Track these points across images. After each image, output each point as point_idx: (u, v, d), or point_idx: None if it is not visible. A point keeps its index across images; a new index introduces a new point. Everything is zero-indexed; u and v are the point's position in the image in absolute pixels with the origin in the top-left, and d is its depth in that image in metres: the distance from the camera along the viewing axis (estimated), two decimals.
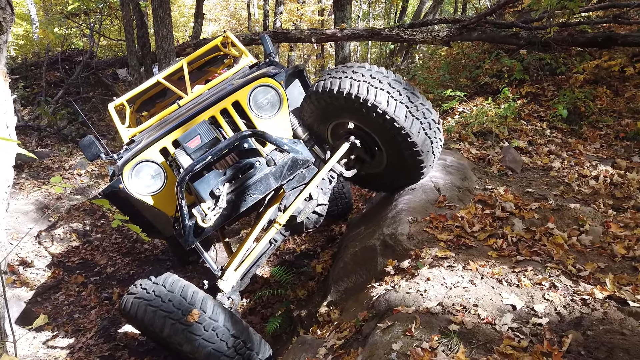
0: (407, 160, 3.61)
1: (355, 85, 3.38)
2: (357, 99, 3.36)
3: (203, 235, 3.30)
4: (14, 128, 2.64)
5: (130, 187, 3.38)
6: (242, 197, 3.27)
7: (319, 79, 3.70)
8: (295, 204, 3.46)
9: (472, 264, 2.88)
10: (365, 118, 3.47)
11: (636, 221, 3.38)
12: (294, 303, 4.15)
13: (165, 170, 3.45)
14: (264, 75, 3.61)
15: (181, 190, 3.08)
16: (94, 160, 3.90)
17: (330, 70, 3.66)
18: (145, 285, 3.24)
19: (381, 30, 8.48)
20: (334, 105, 3.54)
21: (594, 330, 2.21)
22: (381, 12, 20.38)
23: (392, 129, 3.40)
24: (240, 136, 3.19)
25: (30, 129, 9.86)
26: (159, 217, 3.84)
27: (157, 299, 3.08)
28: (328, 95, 3.50)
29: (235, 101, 3.54)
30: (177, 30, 21.28)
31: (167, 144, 3.42)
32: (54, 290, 5.51)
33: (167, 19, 8.00)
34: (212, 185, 3.22)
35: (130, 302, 3.18)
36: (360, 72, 3.47)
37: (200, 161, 3.09)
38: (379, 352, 2.32)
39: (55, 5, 15.07)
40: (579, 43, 6.40)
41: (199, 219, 3.16)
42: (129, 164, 3.39)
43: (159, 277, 3.27)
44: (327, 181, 3.73)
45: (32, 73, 11.92)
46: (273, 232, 3.45)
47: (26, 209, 7.07)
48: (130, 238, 6.88)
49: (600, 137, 5.07)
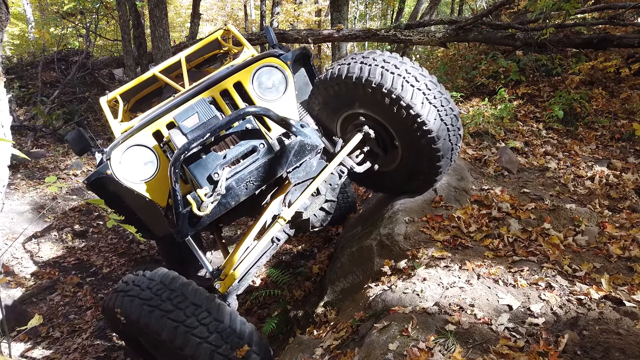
0: (424, 161, 3.35)
1: (385, 74, 3.05)
2: (380, 87, 3.04)
3: (198, 225, 2.96)
4: (10, 128, 2.63)
5: (119, 173, 3.05)
6: (243, 184, 2.93)
7: (332, 65, 3.43)
8: (302, 199, 3.14)
9: (468, 264, 2.88)
10: (385, 110, 3.16)
11: (632, 221, 3.39)
12: (291, 303, 4.14)
13: (158, 155, 3.13)
14: (269, 55, 3.32)
15: (175, 171, 2.74)
16: (83, 154, 3.57)
17: (349, 57, 3.34)
18: (138, 282, 2.84)
19: (378, 31, 8.48)
20: (350, 94, 3.26)
21: (590, 330, 2.22)
22: (378, 13, 20.42)
23: (416, 129, 3.12)
24: (243, 112, 2.85)
25: (25, 129, 9.81)
26: (149, 213, 3.53)
27: (155, 297, 2.72)
28: (344, 82, 3.20)
29: (237, 82, 3.26)
30: (174, 30, 21.24)
31: (160, 127, 3.13)
32: (50, 291, 5.49)
33: (163, 19, 7.98)
34: (210, 169, 2.88)
35: (120, 300, 2.78)
36: (391, 62, 3.15)
37: (198, 139, 2.75)
38: (375, 352, 2.32)
39: (51, 5, 15.00)
40: (574, 44, 6.43)
41: (195, 206, 2.83)
42: (118, 147, 3.06)
43: (154, 273, 2.89)
44: (336, 176, 3.40)
45: (27, 73, 11.88)
46: (276, 229, 3.10)
47: (21, 209, 7.03)
48: (126, 239, 6.86)
49: (595, 138, 5.09)
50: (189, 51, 4.76)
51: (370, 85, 3.08)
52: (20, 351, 4.37)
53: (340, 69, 3.24)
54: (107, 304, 2.91)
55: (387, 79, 3.06)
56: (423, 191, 3.75)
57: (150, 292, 2.75)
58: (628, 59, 6.15)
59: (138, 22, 10.03)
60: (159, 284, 2.79)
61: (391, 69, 3.08)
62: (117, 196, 3.40)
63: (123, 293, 2.82)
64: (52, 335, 4.70)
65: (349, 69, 3.18)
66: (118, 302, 2.79)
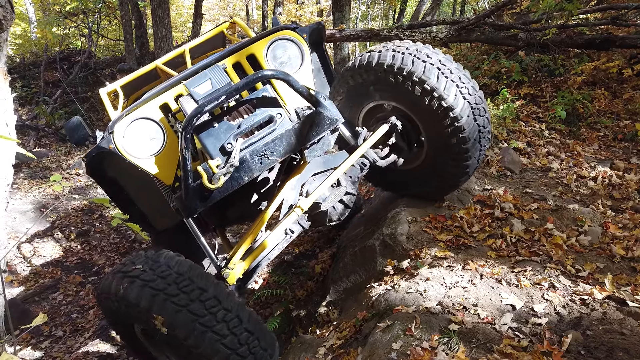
0: (451, 160, 3.15)
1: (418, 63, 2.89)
2: (411, 75, 2.87)
3: (209, 200, 2.69)
4: (14, 127, 2.64)
5: (122, 147, 2.80)
6: (257, 157, 2.69)
7: (360, 54, 3.25)
8: (321, 189, 2.92)
9: (471, 264, 2.88)
10: (414, 101, 2.99)
11: (635, 222, 3.39)
12: (293, 303, 4.15)
13: (165, 129, 2.90)
14: (284, 28, 3.14)
15: (187, 137, 2.49)
16: (80, 144, 3.34)
17: (379, 46, 3.16)
18: (139, 262, 2.51)
19: (380, 31, 8.48)
20: (378, 82, 3.10)
21: (594, 330, 2.22)
22: (380, 13, 20.42)
23: (448, 124, 2.94)
24: (262, 74, 2.60)
25: (28, 128, 9.85)
26: (150, 202, 3.29)
27: (159, 280, 2.38)
28: (374, 70, 3.03)
29: (250, 54, 3.05)
30: (176, 30, 21.25)
31: (168, 100, 2.92)
32: (52, 290, 5.50)
33: (166, 19, 8.00)
34: (223, 139, 2.64)
35: (118, 281, 2.42)
36: (424, 51, 2.98)
37: (213, 100, 2.50)
38: (379, 351, 2.32)
39: (53, 5, 15.03)
40: (577, 45, 6.42)
41: (205, 178, 2.58)
42: (122, 120, 2.82)
43: (158, 254, 2.56)
44: (357, 168, 3.18)
45: (30, 73, 11.92)
46: (292, 219, 2.86)
47: (24, 208, 7.05)
48: (129, 238, 6.87)
49: (598, 138, 5.09)
50: (194, 43, 4.55)
51: (401, 73, 2.91)
52: (23, 350, 4.38)
53: (370, 56, 3.08)
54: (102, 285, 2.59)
55: (419, 68, 2.88)
56: (442, 195, 3.60)
57: (153, 273, 2.42)
58: (631, 60, 6.14)
59: (140, 22, 10.06)
60: (165, 267, 2.46)
61: (424, 57, 2.92)
62: (116, 181, 3.20)
63: (122, 274, 2.48)
64: (55, 334, 4.71)
65: (379, 56, 3.02)
66: (115, 283, 2.45)
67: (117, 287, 2.41)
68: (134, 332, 2.78)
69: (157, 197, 3.08)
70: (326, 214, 3.02)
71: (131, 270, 2.44)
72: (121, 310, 2.46)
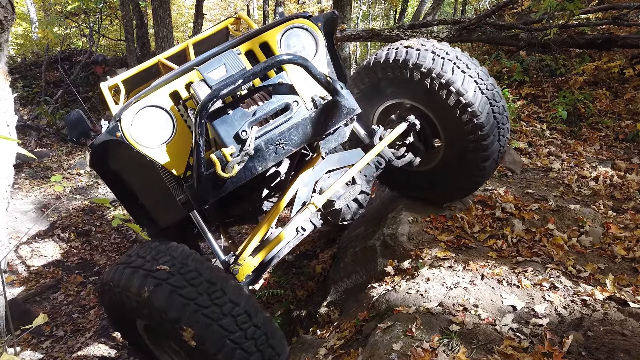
0: (468, 161, 3.11)
1: (437, 59, 2.88)
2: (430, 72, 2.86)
3: (222, 190, 2.59)
4: (14, 127, 2.65)
5: (130, 135, 2.66)
6: (272, 146, 2.61)
7: (380, 50, 3.21)
8: (336, 187, 2.85)
9: (472, 265, 2.88)
10: (433, 98, 2.96)
11: (636, 222, 3.38)
12: (294, 303, 4.15)
13: (175, 117, 2.78)
14: (298, 16, 3.04)
15: (201, 122, 2.39)
16: (80, 139, 3.08)
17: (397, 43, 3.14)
18: (143, 254, 2.43)
19: (381, 31, 8.47)
20: (395, 80, 3.07)
21: (595, 331, 2.21)
22: (381, 13, 20.41)
23: (466, 121, 2.91)
24: (279, 58, 2.51)
25: (29, 128, 9.87)
26: (154, 197, 3.18)
27: (189, 287, 2.30)
28: (391, 67, 3.02)
29: (263, 42, 2.95)
30: (177, 30, 21.25)
31: (179, 87, 2.80)
32: (53, 290, 5.51)
33: (167, 19, 8.01)
34: (237, 126, 2.54)
35: (122, 273, 2.36)
36: (442, 47, 2.98)
37: (230, 84, 2.40)
38: (379, 352, 2.32)
39: (54, 5, 15.06)
40: (578, 45, 6.41)
41: (219, 166, 2.48)
42: (130, 108, 2.71)
43: (163, 245, 2.50)
44: (372, 167, 3.12)
45: (31, 73, 11.93)
46: (305, 216, 2.80)
47: (25, 208, 7.07)
48: (130, 238, 6.87)
49: (599, 138, 5.08)
50: (197, 38, 4.44)
51: (419, 70, 2.91)
52: (24, 350, 4.38)
53: (387, 53, 3.07)
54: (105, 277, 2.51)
55: (437, 64, 2.89)
56: (455, 198, 3.56)
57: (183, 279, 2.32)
58: (632, 60, 6.13)
59: (141, 22, 10.07)
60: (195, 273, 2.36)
61: (441, 54, 2.92)
62: (120, 173, 3.08)
63: (144, 272, 2.35)
64: (56, 334, 4.72)
65: (397, 52, 3.01)
66: (138, 282, 2.31)
67: (141, 287, 2.28)
68: (135, 327, 2.69)
69: (161, 191, 2.96)
70: (340, 212, 2.96)
71: (156, 270, 2.32)
72: (129, 306, 2.36)
